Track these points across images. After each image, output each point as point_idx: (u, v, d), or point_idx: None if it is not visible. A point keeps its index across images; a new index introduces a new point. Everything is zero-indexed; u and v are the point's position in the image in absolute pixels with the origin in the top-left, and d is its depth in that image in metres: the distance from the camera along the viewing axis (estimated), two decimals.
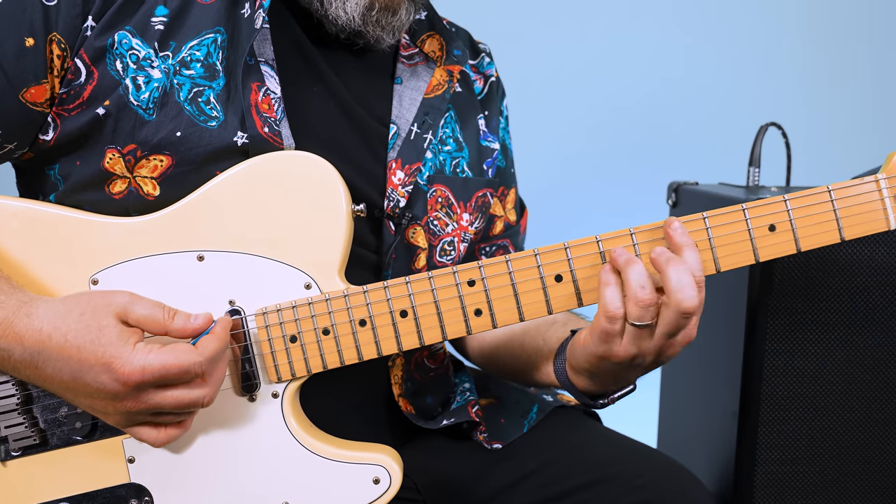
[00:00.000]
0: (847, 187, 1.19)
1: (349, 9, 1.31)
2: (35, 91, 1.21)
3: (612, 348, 1.16)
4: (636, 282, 1.12)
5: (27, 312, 1.07)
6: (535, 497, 1.36)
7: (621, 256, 1.15)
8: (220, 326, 1.11)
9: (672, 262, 1.12)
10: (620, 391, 1.29)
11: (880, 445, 1.75)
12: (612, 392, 1.29)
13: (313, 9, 1.33)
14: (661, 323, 1.13)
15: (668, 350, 1.16)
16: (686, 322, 1.12)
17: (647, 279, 1.12)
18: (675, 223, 1.16)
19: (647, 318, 1.12)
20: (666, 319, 1.12)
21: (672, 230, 1.16)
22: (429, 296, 1.19)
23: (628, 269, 1.13)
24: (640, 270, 1.13)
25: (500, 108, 1.62)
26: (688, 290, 1.10)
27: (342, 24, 1.32)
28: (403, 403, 1.44)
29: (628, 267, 1.14)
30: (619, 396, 1.29)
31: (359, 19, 1.32)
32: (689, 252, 1.14)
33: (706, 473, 1.92)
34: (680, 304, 1.10)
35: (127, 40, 1.22)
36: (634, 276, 1.13)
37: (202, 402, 1.09)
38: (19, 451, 1.17)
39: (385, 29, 1.34)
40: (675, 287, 1.11)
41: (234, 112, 1.24)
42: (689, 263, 1.13)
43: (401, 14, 1.35)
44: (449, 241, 1.45)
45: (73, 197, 1.25)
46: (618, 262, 1.15)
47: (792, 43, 3.15)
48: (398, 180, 1.37)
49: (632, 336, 1.14)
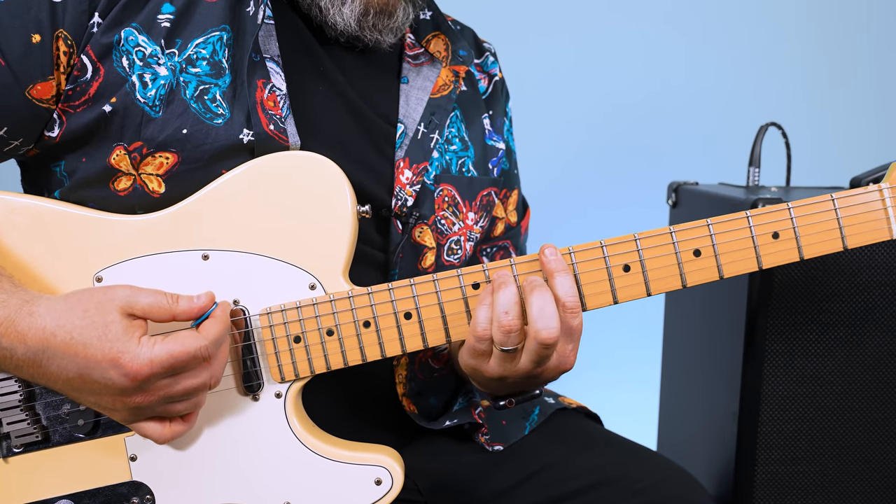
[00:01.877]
0: (850, 196, 1.20)
1: (346, 14, 1.31)
2: (41, 87, 1.21)
3: (482, 364, 1.17)
4: (501, 306, 1.12)
5: (29, 311, 1.06)
6: (537, 499, 1.37)
7: (498, 279, 1.15)
8: (221, 309, 1.12)
9: (536, 289, 1.12)
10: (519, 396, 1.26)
11: (880, 445, 1.76)
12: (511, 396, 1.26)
13: (312, 14, 1.34)
14: (527, 350, 1.13)
15: (542, 375, 1.17)
16: (548, 352, 1.12)
17: (513, 305, 1.12)
18: (547, 250, 1.16)
19: (509, 343, 1.12)
20: (529, 347, 1.12)
21: (543, 257, 1.16)
22: (433, 298, 1.19)
23: (497, 293, 1.14)
24: (507, 295, 1.13)
25: (504, 109, 1.62)
26: (548, 320, 1.10)
27: (340, 29, 1.33)
28: (407, 403, 1.45)
29: (498, 291, 1.14)
30: (519, 401, 1.26)
31: (355, 24, 1.32)
32: (559, 278, 1.14)
33: (706, 474, 1.93)
34: (538, 333, 1.10)
35: (133, 37, 1.22)
36: (501, 300, 1.13)
37: (209, 383, 1.10)
38: (21, 448, 1.17)
39: (382, 32, 1.35)
40: (535, 316, 1.11)
41: (240, 109, 1.24)
42: (556, 290, 1.13)
43: (398, 15, 1.35)
44: (456, 240, 1.45)
45: (77, 193, 1.25)
46: (494, 283, 1.15)
47: (792, 43, 3.14)
48: (406, 179, 1.37)
49: (499, 358, 1.15)
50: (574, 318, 1.13)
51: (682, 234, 1.18)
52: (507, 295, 1.13)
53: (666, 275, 1.19)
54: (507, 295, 1.13)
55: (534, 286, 1.13)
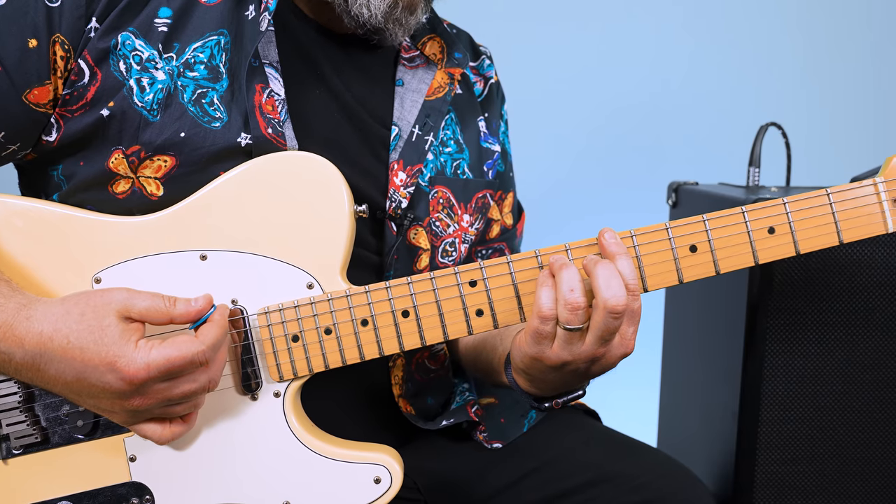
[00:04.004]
0: (845, 190, 1.20)
1: (373, 7, 1.30)
2: (38, 92, 1.22)
3: (544, 350, 1.16)
4: (566, 284, 1.12)
5: (27, 315, 1.07)
6: (536, 496, 1.37)
7: (558, 261, 1.15)
8: (219, 313, 1.12)
9: (600, 263, 1.12)
10: (564, 397, 1.26)
11: (880, 445, 1.76)
12: (557, 396, 1.27)
13: (336, 3, 1.33)
14: (592, 326, 1.12)
15: (603, 358, 1.16)
16: (616, 323, 1.11)
17: (577, 282, 1.12)
18: (608, 233, 1.16)
19: (575, 321, 1.12)
20: (595, 322, 1.12)
21: (604, 240, 1.16)
22: (430, 296, 1.20)
23: (561, 272, 1.13)
24: (571, 274, 1.13)
25: (500, 112, 1.62)
26: (615, 289, 1.10)
27: (363, 20, 1.32)
28: (403, 404, 1.45)
29: (561, 270, 1.13)
30: (564, 402, 1.26)
31: (381, 17, 1.31)
32: (620, 260, 1.13)
33: (706, 473, 1.92)
34: (607, 301, 1.10)
35: (130, 41, 1.22)
36: (565, 278, 1.12)
37: (208, 387, 1.10)
38: (21, 450, 1.17)
39: (403, 26, 1.35)
40: (602, 286, 1.10)
41: (238, 113, 1.25)
42: (619, 268, 1.13)
43: (417, 13, 1.36)
44: (450, 241, 1.45)
45: (76, 196, 1.26)
46: (554, 266, 1.15)
47: (792, 43, 3.15)
48: (400, 181, 1.37)
49: (562, 340, 1.14)
50: (635, 301, 1.13)
51: (678, 229, 1.19)
52: (571, 273, 1.13)
53: (662, 270, 1.19)
54: (571, 273, 1.13)
55: (596, 261, 1.13)
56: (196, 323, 1.10)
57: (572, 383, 1.23)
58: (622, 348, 1.15)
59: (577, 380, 1.21)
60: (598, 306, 1.10)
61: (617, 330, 1.12)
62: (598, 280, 1.11)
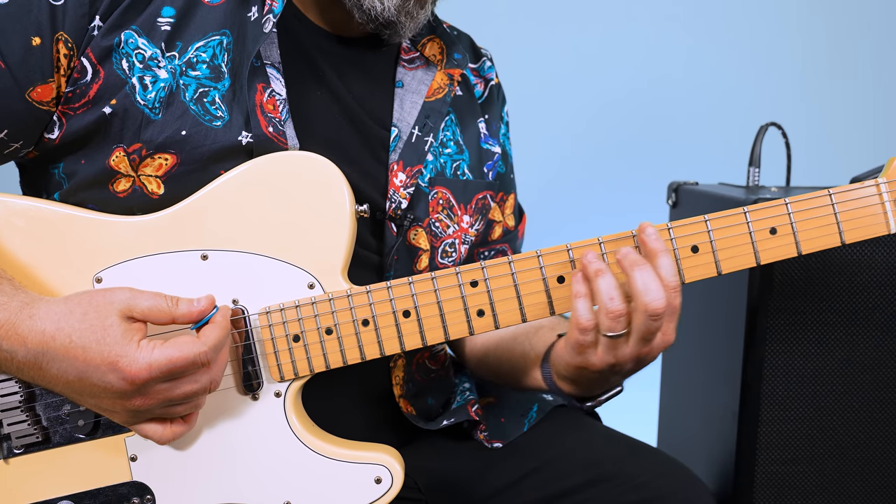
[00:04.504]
0: (848, 191, 1.20)
1: (387, 1, 1.31)
2: (41, 90, 1.22)
3: (588, 359, 1.17)
4: (605, 293, 1.12)
5: (29, 314, 1.07)
6: (536, 495, 1.37)
7: (591, 265, 1.15)
8: (221, 315, 1.12)
9: (636, 265, 1.12)
10: (607, 393, 1.30)
11: (880, 445, 1.76)
12: (600, 394, 1.30)
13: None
14: (634, 329, 1.13)
15: (647, 355, 1.16)
16: (657, 324, 1.12)
17: (615, 289, 1.12)
18: (649, 229, 1.16)
19: (618, 328, 1.12)
20: (637, 325, 1.12)
21: (646, 236, 1.16)
22: (432, 296, 1.20)
23: (597, 281, 1.13)
24: (608, 281, 1.13)
25: (500, 114, 1.62)
26: (653, 293, 1.10)
27: (376, 14, 1.32)
28: (404, 404, 1.45)
29: (597, 278, 1.13)
30: (607, 398, 1.30)
31: (394, 10, 1.31)
32: (662, 258, 1.14)
33: (706, 473, 1.92)
34: (647, 306, 1.10)
35: (133, 40, 1.23)
36: (604, 287, 1.13)
37: (209, 388, 1.10)
38: (22, 449, 1.18)
39: (414, 19, 1.35)
40: (641, 289, 1.11)
41: (240, 112, 1.25)
42: (658, 268, 1.13)
43: (427, 6, 1.36)
44: (450, 242, 1.45)
45: (77, 195, 1.26)
46: (588, 271, 1.15)
47: (792, 43, 3.16)
48: (400, 182, 1.38)
49: (606, 346, 1.15)
50: (676, 298, 1.13)
51: (680, 230, 1.19)
52: (608, 281, 1.13)
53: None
54: (608, 281, 1.13)
55: (632, 264, 1.13)
56: (198, 323, 1.11)
57: (617, 381, 1.25)
58: (663, 343, 1.16)
59: (622, 377, 1.23)
60: (639, 310, 1.11)
61: (658, 329, 1.13)
62: (637, 283, 1.11)
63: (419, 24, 1.37)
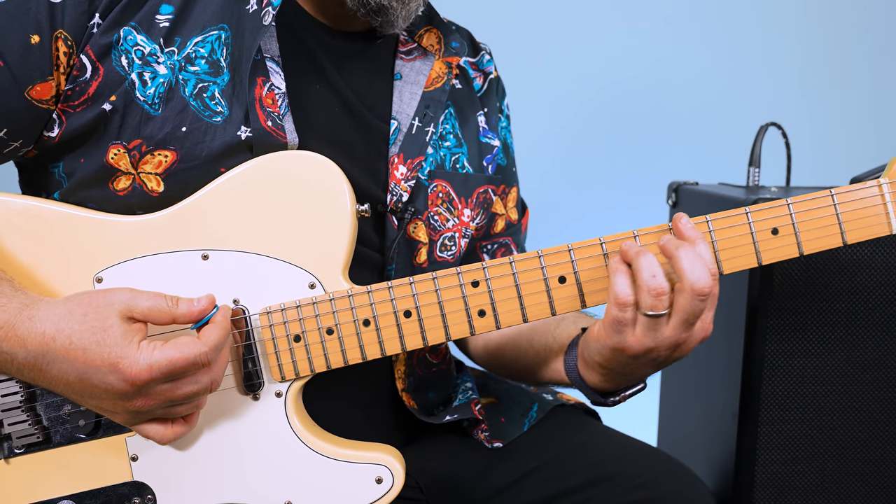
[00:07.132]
0: (850, 191, 1.20)
1: None
2: (41, 88, 1.21)
3: (626, 339, 1.15)
4: (647, 270, 1.12)
5: (29, 315, 1.06)
6: (536, 495, 1.37)
7: (632, 248, 1.15)
8: (221, 314, 1.12)
9: (682, 246, 1.12)
10: (630, 389, 1.28)
11: (880, 445, 1.76)
12: (623, 390, 1.28)
13: None
14: (677, 310, 1.12)
15: (685, 344, 1.15)
16: (702, 305, 1.11)
17: (658, 268, 1.12)
18: (684, 218, 1.16)
19: (659, 307, 1.11)
20: (681, 305, 1.11)
21: (682, 225, 1.16)
22: (433, 296, 1.20)
23: (639, 259, 1.13)
24: (650, 260, 1.12)
25: (500, 107, 1.63)
26: (700, 272, 1.10)
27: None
28: (406, 398, 1.45)
29: (639, 257, 1.13)
30: (630, 394, 1.29)
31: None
32: (700, 245, 1.13)
33: (706, 473, 1.92)
34: (693, 284, 1.09)
35: (132, 36, 1.22)
36: (646, 264, 1.12)
37: (210, 388, 1.10)
38: (22, 449, 1.17)
39: (405, 6, 1.34)
40: (687, 268, 1.10)
41: (239, 107, 1.24)
42: (699, 251, 1.12)
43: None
44: (449, 236, 1.45)
45: (77, 194, 1.25)
46: (628, 253, 1.15)
47: (792, 43, 3.16)
48: (401, 175, 1.38)
49: (645, 327, 1.13)
50: (716, 285, 1.12)
51: None
52: (650, 259, 1.12)
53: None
54: (650, 259, 1.12)
55: (677, 244, 1.13)
56: (198, 323, 1.10)
57: (647, 374, 1.24)
58: (702, 332, 1.15)
59: (655, 368, 1.21)
60: (685, 289, 1.10)
61: (702, 313, 1.12)
62: (683, 262, 1.10)
63: (412, 11, 1.36)
